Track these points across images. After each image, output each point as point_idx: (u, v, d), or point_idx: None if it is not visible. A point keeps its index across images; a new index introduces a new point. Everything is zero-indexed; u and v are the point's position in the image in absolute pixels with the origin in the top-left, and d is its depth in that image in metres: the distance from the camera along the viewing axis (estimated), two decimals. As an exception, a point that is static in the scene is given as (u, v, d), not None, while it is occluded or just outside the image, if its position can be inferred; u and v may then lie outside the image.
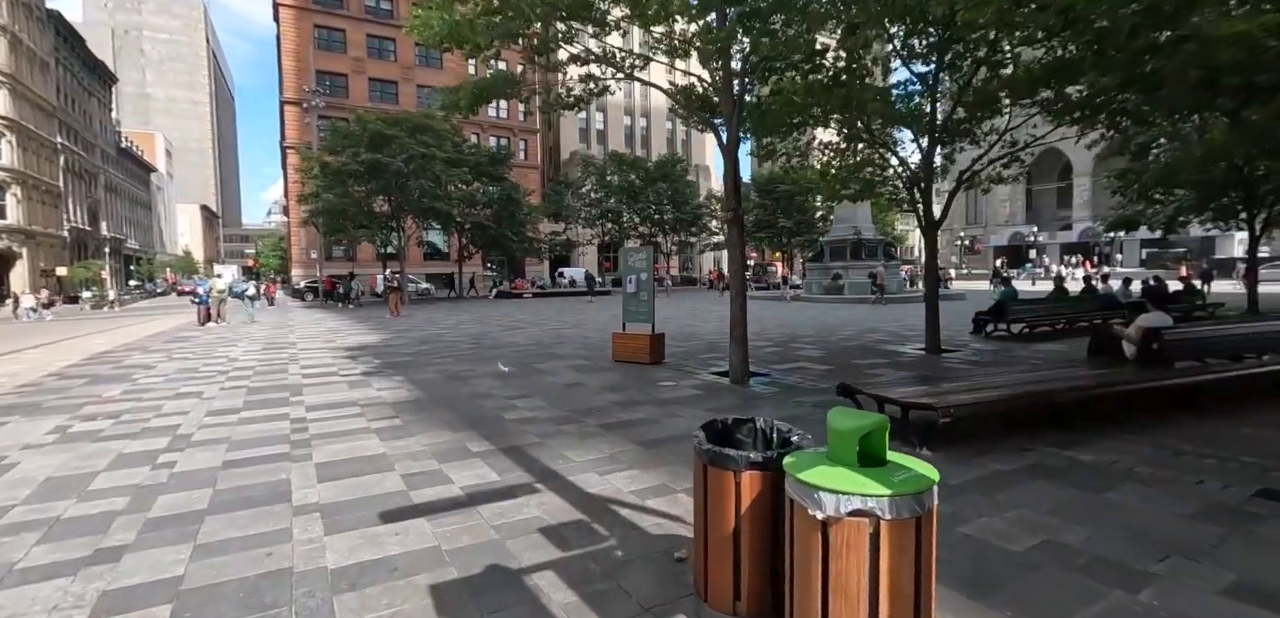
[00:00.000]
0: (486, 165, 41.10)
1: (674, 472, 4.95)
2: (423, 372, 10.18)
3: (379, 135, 31.47)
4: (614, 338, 11.18)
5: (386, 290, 24.00)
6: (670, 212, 52.31)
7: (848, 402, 6.23)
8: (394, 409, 7.38)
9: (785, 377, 9.47)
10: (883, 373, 9.74)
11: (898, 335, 14.83)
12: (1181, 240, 68.86)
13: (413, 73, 56.10)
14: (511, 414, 7.08)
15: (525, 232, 43.87)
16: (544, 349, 13.05)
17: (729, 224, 9.42)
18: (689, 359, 11.27)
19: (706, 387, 8.70)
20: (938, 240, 12.35)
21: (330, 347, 14.04)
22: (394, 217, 35.50)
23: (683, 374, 9.74)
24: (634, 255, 11.11)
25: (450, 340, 15.02)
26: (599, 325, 18.52)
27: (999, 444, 5.47)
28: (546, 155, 71.43)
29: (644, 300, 10.88)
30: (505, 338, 15.42)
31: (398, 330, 17.89)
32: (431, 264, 55.96)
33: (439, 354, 12.40)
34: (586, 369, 10.28)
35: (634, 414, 6.99)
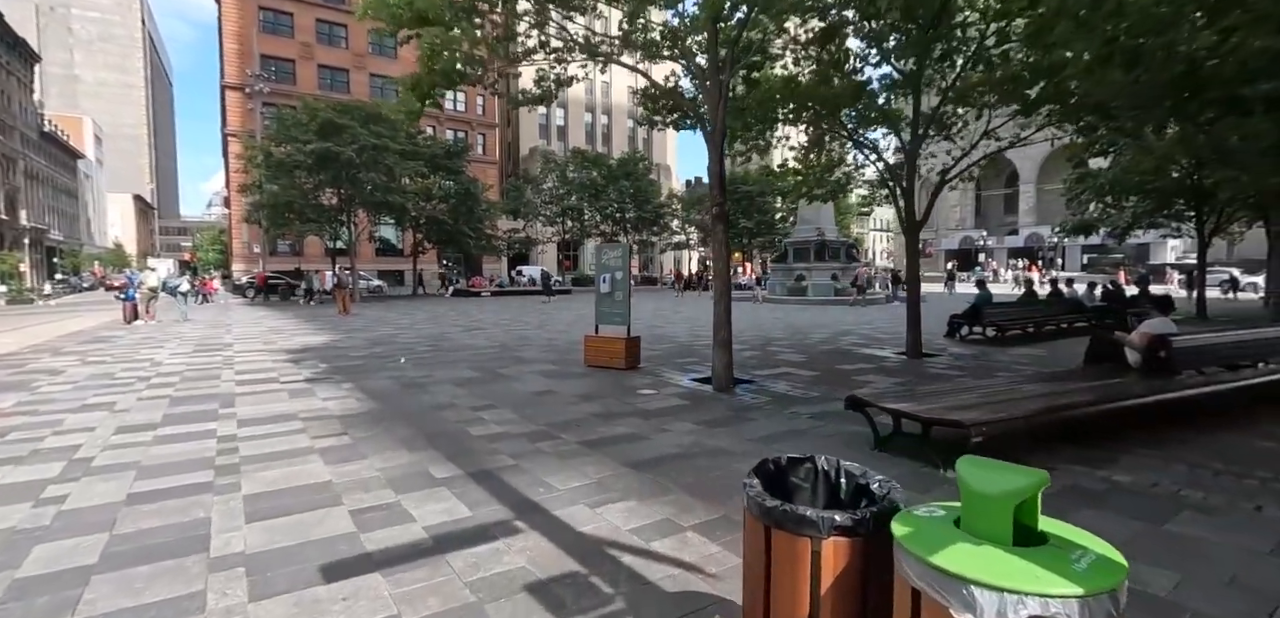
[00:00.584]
0: (443, 158, 39.62)
1: (678, 503, 4.25)
2: (375, 378, 9.21)
3: (330, 124, 29.81)
4: (586, 341, 10.42)
5: (335, 287, 22.53)
6: (632, 210, 51.68)
7: (858, 416, 5.66)
8: (342, 424, 6.46)
9: (771, 383, 8.89)
10: (870, 378, 9.27)
11: (872, 338, 14.50)
12: (1118, 247, 72.17)
13: (365, 61, 53.87)
14: (478, 428, 6.26)
15: (483, 228, 42.50)
16: (508, 352, 12.18)
17: (714, 220, 8.79)
18: (664, 364, 10.60)
19: (689, 395, 8.04)
20: (918, 243, 12.00)
21: (271, 349, 12.83)
22: (344, 210, 33.78)
23: (661, 381, 9.06)
24: (608, 252, 10.38)
25: (406, 342, 13.97)
26: (563, 326, 17.69)
27: (1023, 463, 4.97)
28: (505, 151, 69.87)
29: (619, 301, 10.16)
30: (465, 340, 14.46)
31: (347, 331, 16.68)
32: (384, 260, 53.86)
33: (393, 358, 11.40)
34: (557, 375, 9.49)
35: (616, 428, 6.27)
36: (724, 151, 8.92)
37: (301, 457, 5.33)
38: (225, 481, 4.74)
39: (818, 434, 6.02)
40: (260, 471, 4.96)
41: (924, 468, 4.91)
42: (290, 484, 4.65)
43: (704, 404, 7.48)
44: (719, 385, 8.51)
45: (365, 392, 8.19)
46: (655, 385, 8.70)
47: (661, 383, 8.90)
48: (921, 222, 11.95)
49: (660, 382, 8.99)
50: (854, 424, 6.18)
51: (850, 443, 5.68)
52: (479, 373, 9.69)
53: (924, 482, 4.65)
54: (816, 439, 5.85)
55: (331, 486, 4.61)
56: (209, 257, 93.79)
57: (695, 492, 4.45)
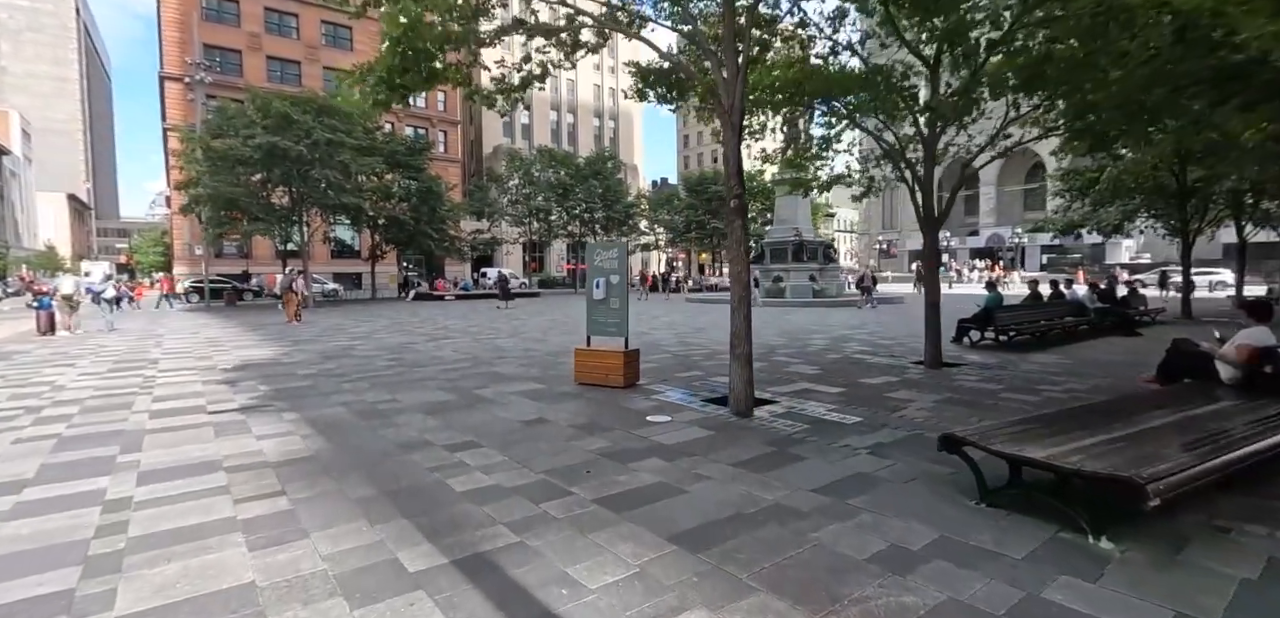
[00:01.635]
0: (403, 155, 37.57)
1: (768, 610, 2.94)
2: (326, 404, 7.66)
3: (281, 116, 27.58)
4: (577, 355, 9.03)
5: (283, 291, 20.52)
6: (601, 211, 50.27)
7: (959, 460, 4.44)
8: (279, 476, 4.96)
9: (795, 404, 7.67)
10: (901, 393, 8.13)
11: (877, 345, 13.47)
12: (1076, 246, 73.96)
13: (318, 52, 51.21)
14: (461, 480, 4.84)
15: (446, 229, 40.54)
16: (483, 367, 10.70)
17: (732, 214, 7.52)
18: (663, 380, 9.30)
19: (708, 422, 6.75)
20: (936, 241, 10.95)
21: (203, 367, 11.06)
22: (295, 209, 31.51)
23: (667, 403, 7.75)
24: (602, 252, 9.00)
25: (364, 355, 12.34)
26: (538, 333, 16.22)
27: (1185, 522, 3.84)
28: (468, 149, 67.72)
29: (616, 309, 8.81)
30: (431, 352, 12.88)
31: (296, 342, 14.88)
32: (341, 263, 51.26)
33: (349, 375, 9.81)
34: (545, 397, 8.08)
35: (638, 476, 4.93)
36: (742, 130, 7.65)
37: (217, 536, 3.84)
38: (93, 587, 3.23)
39: (895, 481, 4.79)
40: (150, 567, 3.46)
41: (1061, 533, 3.73)
42: (192, 591, 3.18)
43: (731, 435, 6.20)
44: (738, 408, 7.26)
45: (313, 424, 6.65)
46: (662, 409, 7.39)
47: (669, 405, 7.59)
48: (941, 217, 10.94)
49: (666, 404, 7.68)
50: (935, 462, 4.98)
51: (941, 491, 4.47)
52: (452, 395, 8.22)
53: (1062, 552, 3.48)
54: (896, 490, 4.62)
55: (253, 591, 3.16)
56: (149, 259, 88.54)
57: (784, 586, 3.16)
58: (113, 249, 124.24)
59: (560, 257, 65.22)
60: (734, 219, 7.54)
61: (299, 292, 20.23)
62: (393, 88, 7.51)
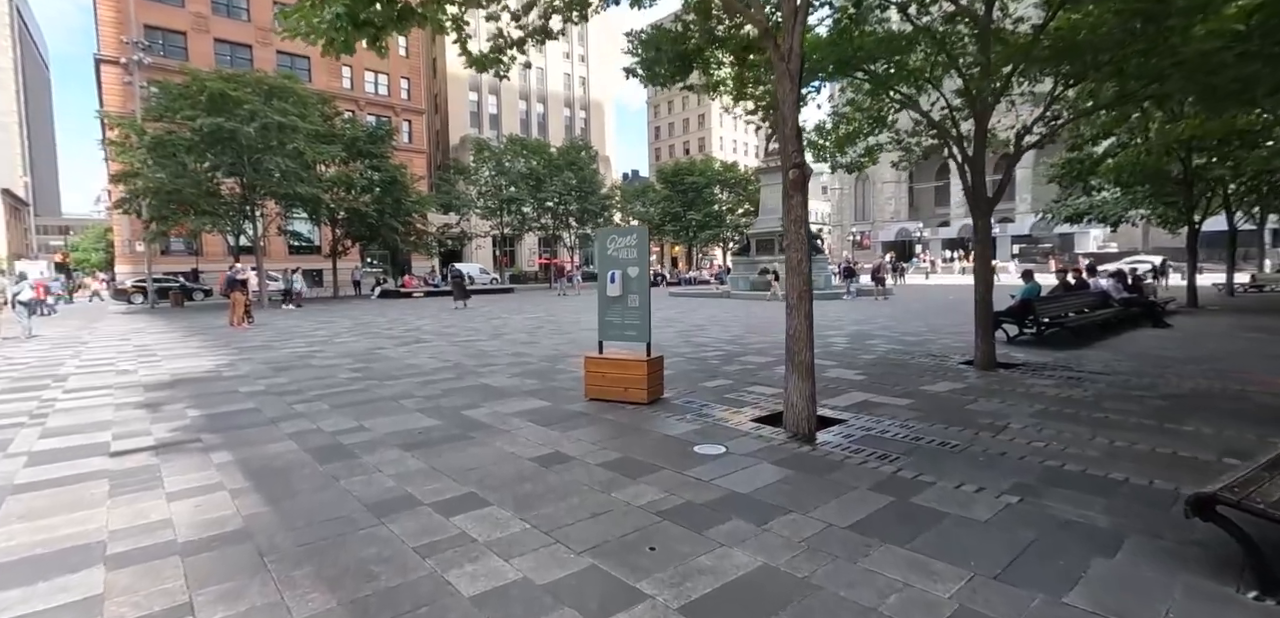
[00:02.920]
0: (365, 143, 35.21)
1: None
2: (271, 438, 5.91)
3: (221, 96, 25.10)
4: (588, 365, 7.41)
5: (226, 290, 18.30)
6: (575, 203, 48.43)
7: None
8: (190, 575, 3.27)
9: (869, 423, 6.22)
10: (980, 404, 6.73)
11: (902, 341, 12.16)
12: (1046, 236, 74.86)
13: (270, 36, 48.01)
14: (469, 573, 3.22)
15: (412, 222, 38.25)
16: (468, 377, 9.00)
17: (790, 187, 6.00)
18: (690, 389, 7.76)
19: (772, 452, 5.25)
20: (988, 226, 9.62)
21: (122, 384, 9.11)
22: (247, 201, 28.98)
23: (709, 424, 6.22)
24: (617, 239, 7.38)
25: (324, 364, 10.50)
26: (524, 332, 14.50)
27: None
28: (434, 140, 65.11)
29: (635, 308, 7.23)
30: (405, 359, 11.10)
31: (243, 349, 12.91)
32: (300, 259, 48.33)
33: (305, 392, 8.03)
34: (554, 419, 6.47)
35: (728, 555, 3.39)
36: (800, 83, 6.13)
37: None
38: None
39: (1095, 553, 3.34)
40: None
41: None
42: None
43: (816, 475, 4.69)
44: (798, 428, 5.80)
45: (250, 471, 4.92)
46: (707, 433, 5.86)
47: (714, 429, 6.05)
48: (995, 198, 9.62)
49: (710, 426, 6.15)
50: (1122, 515, 3.55)
51: (1175, 570, 3.03)
52: (437, 419, 6.53)
53: None
54: (1109, 572, 3.16)
55: None
56: (90, 258, 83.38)
57: None
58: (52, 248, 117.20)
59: (532, 251, 63.15)
60: (792, 194, 6.02)
61: (249, 291, 18.05)
62: (357, 24, 5.79)
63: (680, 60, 10.00)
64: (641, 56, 10.37)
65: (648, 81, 11.13)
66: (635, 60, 10.58)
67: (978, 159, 9.40)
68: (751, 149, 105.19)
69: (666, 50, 9.96)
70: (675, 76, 10.47)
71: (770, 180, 32.93)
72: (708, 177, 57.51)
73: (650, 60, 10.27)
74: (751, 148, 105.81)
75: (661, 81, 10.98)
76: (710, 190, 57.99)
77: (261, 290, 30.18)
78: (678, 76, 10.52)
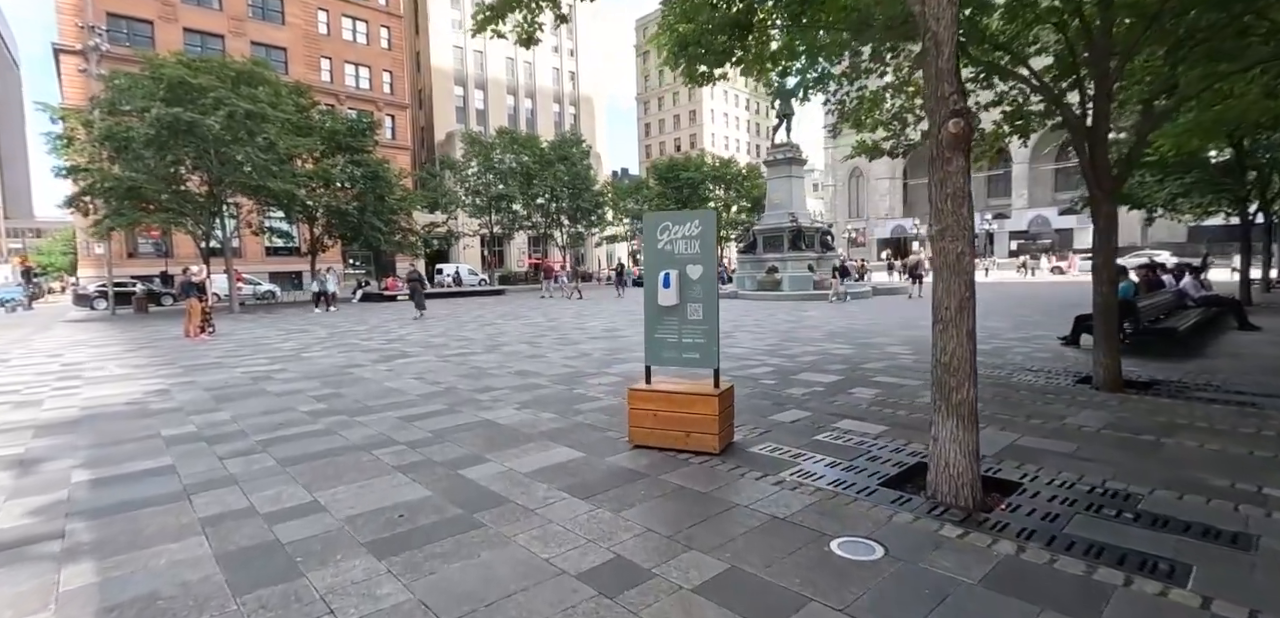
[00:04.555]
0: (345, 136, 32.92)
1: None
2: (165, 538, 3.87)
3: (180, 84, 22.77)
4: (634, 401, 5.42)
5: (180, 296, 16.10)
6: (567, 199, 46.31)
7: None
8: None
9: (1060, 488, 4.32)
10: (1176, 449, 4.85)
11: (998, 352, 10.32)
12: (1045, 232, 73.85)
13: (244, 26, 45.55)
14: None
15: (396, 220, 35.99)
16: (464, 408, 7.00)
17: (944, 149, 4.09)
18: (756, 422, 5.83)
19: (951, 550, 3.33)
20: (1114, 215, 7.74)
21: (12, 423, 7.01)
22: (216, 198, 26.62)
23: (816, 488, 4.30)
24: (673, 226, 5.38)
25: (283, 390, 8.44)
26: (525, 344, 12.47)
27: None
28: (418, 136, 62.74)
29: (698, 321, 5.27)
30: (383, 381, 9.06)
31: (192, 367, 10.80)
32: (278, 261, 45.90)
33: (245, 440, 6.00)
34: (594, 485, 4.50)
35: None
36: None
37: None
38: None
39: None
40: None
41: None
42: None
43: (1038, 592, 2.78)
44: (957, 497, 3.97)
45: (136, 598, 2.92)
46: (827, 510, 3.94)
47: (835, 503, 4.12)
48: (1120, 178, 7.79)
49: (825, 497, 4.22)
50: None
51: None
52: (427, 486, 4.53)
53: None
54: None
55: None
56: (60, 261, 79.97)
57: None
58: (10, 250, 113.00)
59: (522, 251, 60.93)
60: (949, 157, 4.11)
61: (206, 298, 15.83)
62: None
63: (733, 29, 7.99)
64: (680, 33, 8.25)
65: (688, 77, 8.94)
66: (669, 42, 8.51)
67: (1099, 129, 7.55)
68: (743, 145, 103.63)
69: (719, 15, 7.94)
70: (724, 56, 8.43)
71: (778, 174, 31.18)
72: (703, 172, 55.64)
73: (694, 39, 8.17)
74: (743, 143, 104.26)
75: (704, 70, 8.78)
76: (706, 186, 56.10)
77: (232, 295, 27.88)
78: (725, 56, 8.50)
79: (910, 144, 11.02)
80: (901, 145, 11.07)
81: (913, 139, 10.83)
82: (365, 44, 52.92)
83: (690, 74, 8.68)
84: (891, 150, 11.21)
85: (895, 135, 10.70)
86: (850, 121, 10.75)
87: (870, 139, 10.96)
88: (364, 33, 52.97)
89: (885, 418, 6.21)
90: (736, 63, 8.54)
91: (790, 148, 30.80)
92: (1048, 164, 78.05)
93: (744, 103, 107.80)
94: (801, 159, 31.18)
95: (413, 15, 62.23)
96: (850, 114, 10.02)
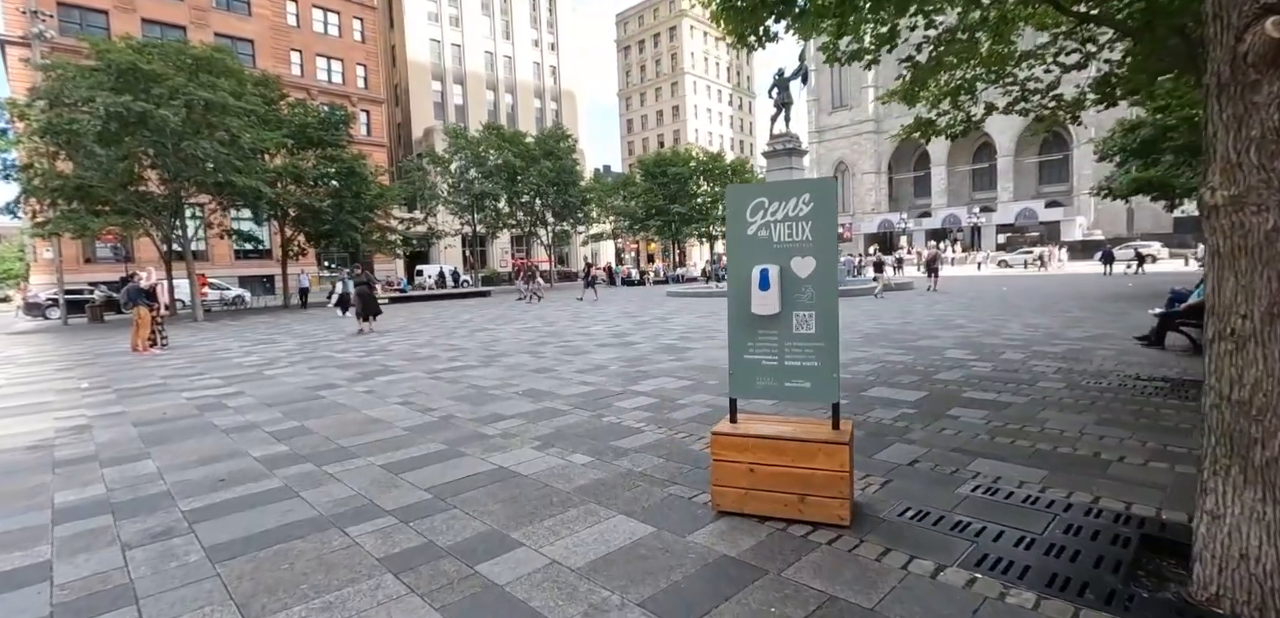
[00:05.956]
0: (317, 129, 30.89)
1: None
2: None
3: (131, 70, 20.70)
4: (719, 447, 3.85)
5: (125, 305, 14.23)
6: (553, 196, 44.56)
7: None
8: None
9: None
10: None
11: (1029, 348, 8.92)
12: (1031, 225, 73.70)
13: (208, 16, 43.11)
14: None
15: (375, 219, 34.00)
16: (470, 450, 5.40)
17: (1251, 64, 2.60)
18: (870, 468, 4.33)
19: None
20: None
21: None
22: (173, 194, 24.50)
23: (1026, 598, 2.78)
24: (772, 203, 3.82)
25: (232, 427, 6.74)
26: (527, 354, 10.86)
27: None
28: (395, 133, 60.52)
29: (810, 335, 3.74)
30: (363, 408, 7.39)
31: (129, 391, 9.02)
32: (248, 264, 43.57)
33: (169, 509, 4.33)
34: (693, 600, 2.94)
35: None
36: None
37: None
38: None
39: None
40: None
41: None
42: None
43: None
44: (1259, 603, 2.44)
45: None
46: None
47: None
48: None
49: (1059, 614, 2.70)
50: None
51: None
52: (433, 603, 2.95)
53: None
54: None
55: None
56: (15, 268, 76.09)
57: None
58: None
59: (505, 250, 59.00)
60: (1257, 81, 2.63)
61: (157, 306, 13.92)
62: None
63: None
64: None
65: (736, 36, 7.42)
66: None
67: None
68: (727, 140, 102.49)
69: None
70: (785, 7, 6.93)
71: (777, 165, 29.77)
72: (691, 167, 54.20)
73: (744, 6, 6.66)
74: (727, 139, 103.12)
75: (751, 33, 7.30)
76: (694, 182, 54.68)
77: (195, 301, 25.79)
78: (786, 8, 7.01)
79: (970, 122, 9.60)
80: (959, 125, 9.65)
81: (976, 115, 9.42)
82: (338, 36, 50.64)
83: (737, 32, 7.18)
84: (948, 129, 9.79)
85: (961, 112, 9.26)
86: (904, 95, 9.32)
87: (926, 113, 9.54)
88: (336, 25, 50.69)
89: (1026, 455, 4.74)
90: (797, 16, 7.03)
91: (790, 138, 29.44)
92: (1031, 156, 78.22)
93: (727, 99, 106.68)
94: (802, 150, 29.84)
95: (387, 7, 59.95)
96: (927, 70, 8.51)
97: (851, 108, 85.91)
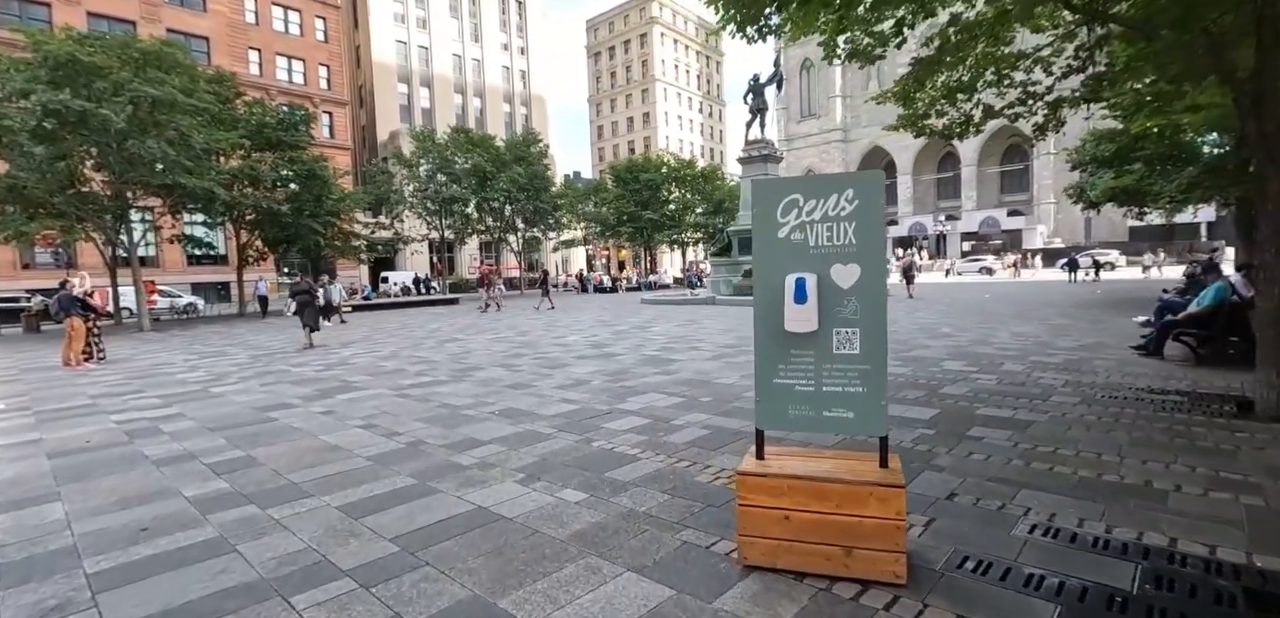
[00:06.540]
0: (275, 130, 29.53)
1: None
2: None
3: (70, 63, 19.29)
4: (745, 489, 3.25)
5: (58, 314, 13.02)
6: (525, 201, 43.63)
7: None
8: None
9: None
10: None
11: (1027, 359, 8.57)
12: (994, 233, 75.18)
13: (159, 11, 41.16)
14: None
15: (337, 223, 32.68)
16: (444, 484, 4.69)
17: None
18: (911, 505, 3.78)
19: None
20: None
21: None
22: (118, 198, 22.98)
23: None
24: (807, 201, 3.29)
25: (167, 456, 5.89)
26: (502, 366, 10.12)
27: None
28: (359, 135, 58.85)
29: (852, 355, 3.17)
30: (321, 432, 6.59)
31: (48, 414, 8.01)
32: (202, 270, 41.57)
33: (77, 582, 3.53)
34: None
35: None
36: None
37: None
38: None
39: None
40: None
41: None
42: None
43: None
44: None
45: None
46: None
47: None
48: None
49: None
50: None
51: None
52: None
53: None
54: None
55: None
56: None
57: None
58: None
59: (473, 257, 57.73)
60: None
61: (94, 315, 12.73)
62: None
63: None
64: None
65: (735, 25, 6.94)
66: None
67: (1273, 75, 5.85)
68: (697, 148, 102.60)
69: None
70: None
71: (752, 171, 29.50)
72: (663, 173, 53.81)
73: None
74: (697, 146, 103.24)
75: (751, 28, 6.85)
76: (666, 188, 54.30)
77: (141, 310, 24.22)
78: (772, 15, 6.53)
79: (971, 123, 9.23)
80: (959, 125, 9.29)
81: (976, 118, 9.07)
82: (299, 35, 48.93)
83: (736, 21, 6.66)
84: (945, 131, 9.43)
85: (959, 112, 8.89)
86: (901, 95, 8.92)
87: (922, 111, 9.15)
88: (298, 23, 48.98)
89: (1072, 485, 4.25)
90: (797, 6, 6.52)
91: (765, 144, 29.21)
92: (993, 166, 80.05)
93: (698, 106, 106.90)
94: (777, 156, 29.61)
95: (352, 7, 58.32)
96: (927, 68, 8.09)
97: (820, 117, 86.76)
